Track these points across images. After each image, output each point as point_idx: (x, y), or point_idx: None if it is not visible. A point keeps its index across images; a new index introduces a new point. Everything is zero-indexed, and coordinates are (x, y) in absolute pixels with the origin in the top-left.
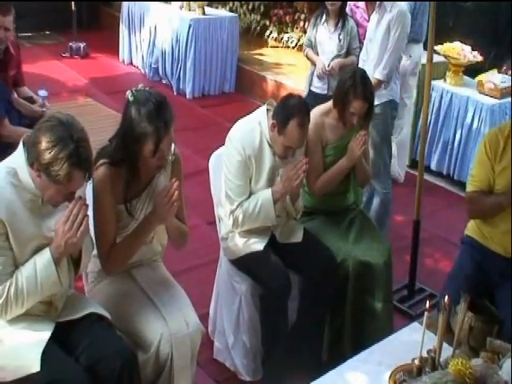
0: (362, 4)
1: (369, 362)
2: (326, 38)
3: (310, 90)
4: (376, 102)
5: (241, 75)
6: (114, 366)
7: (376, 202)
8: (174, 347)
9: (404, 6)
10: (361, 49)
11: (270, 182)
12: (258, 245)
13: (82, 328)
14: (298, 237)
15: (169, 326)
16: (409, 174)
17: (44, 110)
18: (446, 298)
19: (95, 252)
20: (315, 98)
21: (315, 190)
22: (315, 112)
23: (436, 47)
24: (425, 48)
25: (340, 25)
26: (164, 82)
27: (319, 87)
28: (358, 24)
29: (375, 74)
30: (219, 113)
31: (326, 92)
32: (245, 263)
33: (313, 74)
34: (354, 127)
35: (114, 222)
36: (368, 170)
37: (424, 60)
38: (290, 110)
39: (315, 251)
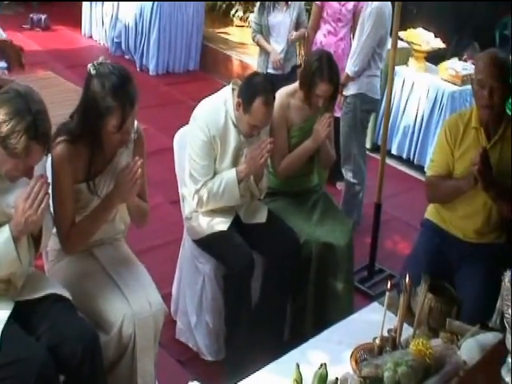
0: None
1: (330, 341)
2: (279, 19)
3: (266, 73)
4: (346, 94)
5: (206, 53)
6: (76, 348)
7: (345, 189)
8: (136, 327)
9: (383, 3)
10: None
11: (235, 162)
12: (221, 225)
13: (43, 309)
14: (261, 217)
15: (131, 307)
16: (370, 158)
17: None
18: (407, 279)
19: (55, 230)
20: (273, 80)
21: (279, 170)
22: (281, 93)
23: (400, 33)
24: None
25: (290, 2)
26: (127, 57)
27: (275, 68)
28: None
29: (346, 68)
30: (183, 91)
31: (282, 71)
32: (208, 243)
33: (266, 59)
34: (319, 109)
35: (73, 200)
36: (331, 153)
37: (388, 46)
38: (255, 89)
39: (279, 232)
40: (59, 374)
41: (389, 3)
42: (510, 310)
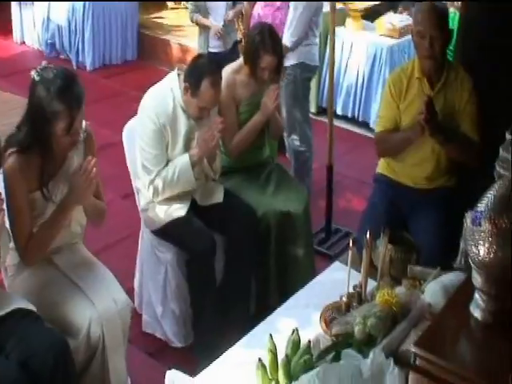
0: None
1: (297, 307)
2: None
3: (208, 53)
4: (285, 64)
5: (143, 41)
6: (47, 358)
7: (294, 159)
8: (104, 328)
9: None
10: None
11: (187, 147)
12: (179, 211)
13: (9, 325)
14: (218, 197)
15: (97, 308)
16: (315, 122)
17: None
18: (368, 233)
19: (12, 245)
20: (217, 58)
21: (232, 148)
22: (226, 70)
23: None
24: None
25: None
26: (62, 56)
27: (217, 46)
28: None
29: (284, 39)
30: (123, 82)
31: (223, 48)
32: (168, 231)
33: (206, 37)
34: (265, 82)
35: (29, 211)
36: (281, 123)
37: (326, 9)
38: (201, 71)
39: (236, 209)
40: None
41: None
42: (473, 249)
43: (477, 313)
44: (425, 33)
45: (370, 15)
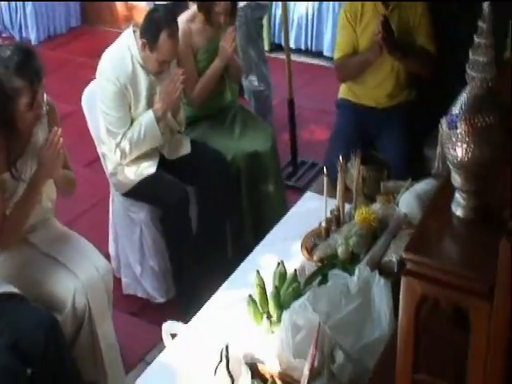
0: None
1: (275, 242)
2: None
3: (154, 5)
4: None
5: (86, 5)
6: (38, 338)
7: (254, 99)
8: (89, 296)
9: None
10: None
11: (150, 104)
12: (149, 169)
13: None
14: (186, 149)
15: (80, 278)
16: (270, 58)
17: None
18: (341, 157)
19: None
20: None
21: (194, 97)
22: (181, 20)
23: None
24: None
25: None
26: (4, 35)
27: None
28: None
29: None
30: (70, 50)
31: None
32: (140, 191)
33: None
34: (221, 26)
35: (1, 194)
36: (240, 65)
37: None
38: (158, 23)
39: (205, 157)
40: (26, 368)
41: None
42: (451, 151)
43: (459, 211)
44: None
45: None
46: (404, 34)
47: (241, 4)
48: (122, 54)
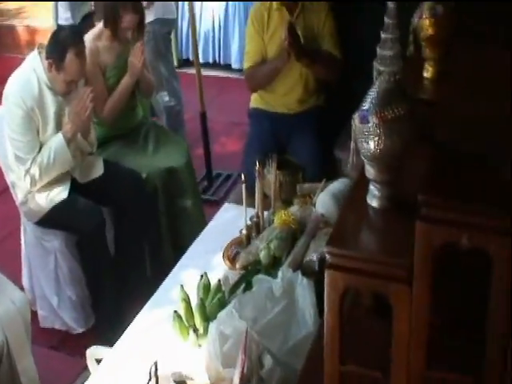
0: None
1: (196, 257)
2: None
3: (58, 25)
4: None
5: None
6: None
7: (166, 115)
8: (6, 331)
9: None
10: None
11: (59, 126)
12: (61, 194)
13: None
14: (98, 170)
15: None
16: (179, 74)
17: None
18: (258, 163)
19: None
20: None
21: (105, 116)
22: (87, 38)
23: None
24: None
25: None
26: None
27: (66, 18)
28: None
29: None
30: None
31: (72, 21)
32: (53, 218)
33: (56, 6)
34: (129, 42)
35: None
36: (151, 80)
37: None
38: (64, 43)
39: (119, 177)
40: None
41: None
42: (364, 145)
43: (374, 202)
44: None
45: None
46: (310, 41)
47: (148, 19)
48: (28, 76)
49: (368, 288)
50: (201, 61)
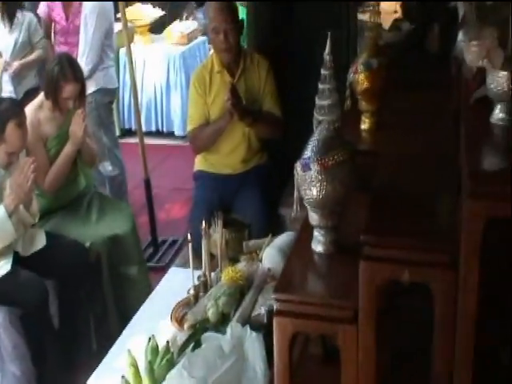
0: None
1: (143, 322)
2: (5, 42)
3: (2, 99)
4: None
5: None
6: None
7: (109, 185)
8: None
9: None
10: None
11: (0, 199)
12: (3, 268)
13: None
14: (41, 242)
15: None
16: (125, 144)
17: None
18: (204, 222)
19: None
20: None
21: (47, 187)
22: (28, 110)
23: (118, 15)
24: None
25: (16, 21)
26: None
27: (10, 91)
28: (55, 21)
29: None
30: None
31: (14, 95)
32: None
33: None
34: (70, 112)
35: None
36: (94, 148)
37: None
38: (4, 114)
39: (62, 248)
40: None
41: None
42: (307, 192)
43: (319, 247)
44: (219, 28)
45: (158, 28)
46: (252, 101)
47: (90, 89)
48: None
49: (316, 331)
50: (144, 129)
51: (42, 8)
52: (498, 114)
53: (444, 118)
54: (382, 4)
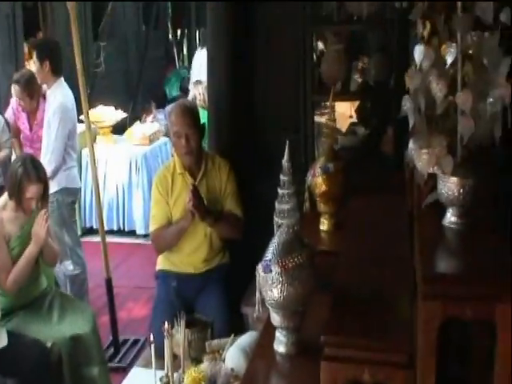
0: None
1: None
2: None
3: None
4: None
5: None
6: None
7: (70, 284)
8: None
9: (65, 98)
10: None
11: None
12: None
13: None
14: (2, 342)
15: None
16: (86, 243)
17: None
18: (166, 323)
19: None
20: None
21: (8, 287)
22: None
23: (81, 116)
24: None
25: None
26: None
27: None
28: (19, 129)
29: None
30: None
31: None
32: None
33: None
34: (33, 212)
35: None
36: (55, 248)
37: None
38: None
39: (23, 347)
40: None
41: (70, 95)
42: (269, 293)
43: (281, 348)
44: (181, 132)
45: (120, 129)
46: (213, 201)
47: (52, 189)
48: None
49: None
50: (105, 228)
51: (9, 113)
52: (449, 217)
53: (400, 220)
54: (338, 108)
